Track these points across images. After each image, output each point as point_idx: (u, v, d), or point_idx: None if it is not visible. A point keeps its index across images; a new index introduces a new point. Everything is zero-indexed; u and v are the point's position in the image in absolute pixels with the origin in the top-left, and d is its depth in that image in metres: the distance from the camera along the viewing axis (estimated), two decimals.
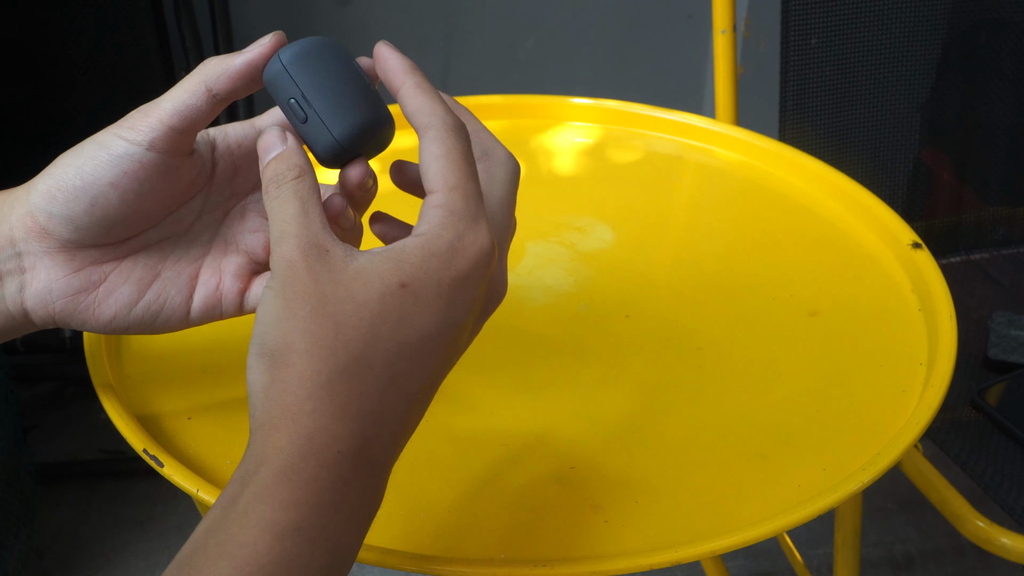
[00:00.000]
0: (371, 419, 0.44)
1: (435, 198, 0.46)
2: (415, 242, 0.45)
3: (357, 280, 0.44)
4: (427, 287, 0.45)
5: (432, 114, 0.47)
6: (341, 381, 0.43)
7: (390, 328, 0.44)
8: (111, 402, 0.58)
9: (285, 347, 0.43)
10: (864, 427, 0.60)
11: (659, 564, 0.51)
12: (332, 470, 0.43)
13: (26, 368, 1.56)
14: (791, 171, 0.83)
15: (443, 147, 0.47)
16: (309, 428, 0.43)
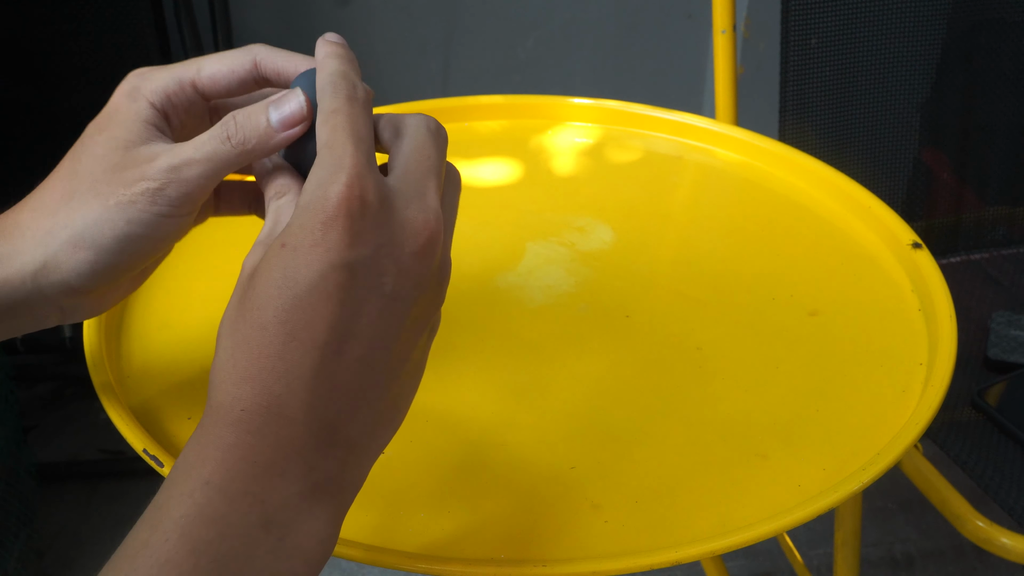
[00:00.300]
0: (274, 376, 0.44)
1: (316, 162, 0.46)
2: (288, 202, 0.48)
3: (254, 252, 0.47)
4: (302, 238, 0.44)
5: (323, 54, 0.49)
6: (241, 349, 0.44)
7: (276, 286, 0.44)
8: (111, 402, 0.58)
9: (218, 350, 0.45)
10: (864, 427, 0.60)
11: (659, 564, 0.51)
12: (236, 426, 0.43)
13: (26, 368, 1.56)
14: (791, 171, 0.83)
15: (336, 115, 0.47)
16: (216, 398, 0.44)
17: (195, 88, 0.51)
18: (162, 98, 0.51)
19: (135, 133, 0.50)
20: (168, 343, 0.65)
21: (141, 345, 0.65)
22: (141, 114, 0.50)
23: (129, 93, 0.51)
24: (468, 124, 0.88)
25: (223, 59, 0.51)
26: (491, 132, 0.89)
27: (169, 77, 0.51)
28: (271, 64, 0.51)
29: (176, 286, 0.70)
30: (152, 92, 0.51)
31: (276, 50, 0.52)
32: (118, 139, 0.50)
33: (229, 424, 0.43)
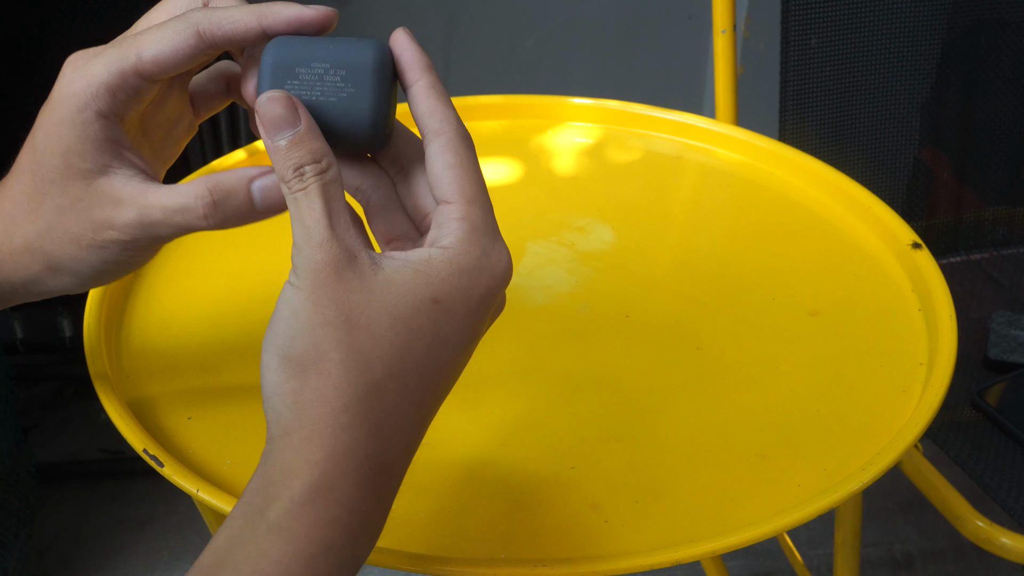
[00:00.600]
0: (401, 436, 0.44)
1: (454, 210, 0.45)
2: (442, 255, 0.44)
3: (387, 292, 0.43)
4: (458, 304, 0.44)
5: (444, 120, 0.47)
6: (376, 397, 0.43)
7: (425, 345, 0.44)
8: (111, 402, 0.58)
9: (318, 355, 0.42)
10: (864, 427, 0.60)
11: (659, 564, 0.51)
12: (364, 488, 0.42)
13: (26, 368, 1.56)
14: (791, 171, 0.83)
15: (456, 156, 0.46)
16: (345, 444, 0.42)
17: (139, 75, 0.47)
18: (108, 102, 0.48)
19: (90, 157, 0.48)
20: (168, 342, 0.65)
21: (141, 344, 0.65)
22: (89, 131, 0.48)
23: (73, 99, 0.47)
24: (468, 124, 0.88)
25: (163, 38, 0.47)
26: (491, 132, 0.89)
27: (109, 71, 0.47)
28: (217, 31, 0.47)
29: (176, 285, 0.70)
30: (95, 96, 0.47)
31: (216, 11, 0.47)
32: (73, 165, 0.48)
33: (357, 483, 0.42)
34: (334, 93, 0.46)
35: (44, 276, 0.50)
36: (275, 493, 0.41)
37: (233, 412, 0.60)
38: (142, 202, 0.48)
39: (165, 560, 1.38)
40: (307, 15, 0.47)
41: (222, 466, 0.57)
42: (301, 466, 0.42)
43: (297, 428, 0.42)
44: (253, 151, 0.81)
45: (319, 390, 0.42)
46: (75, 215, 0.48)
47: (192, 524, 1.42)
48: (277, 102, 0.45)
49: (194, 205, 0.48)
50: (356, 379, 0.42)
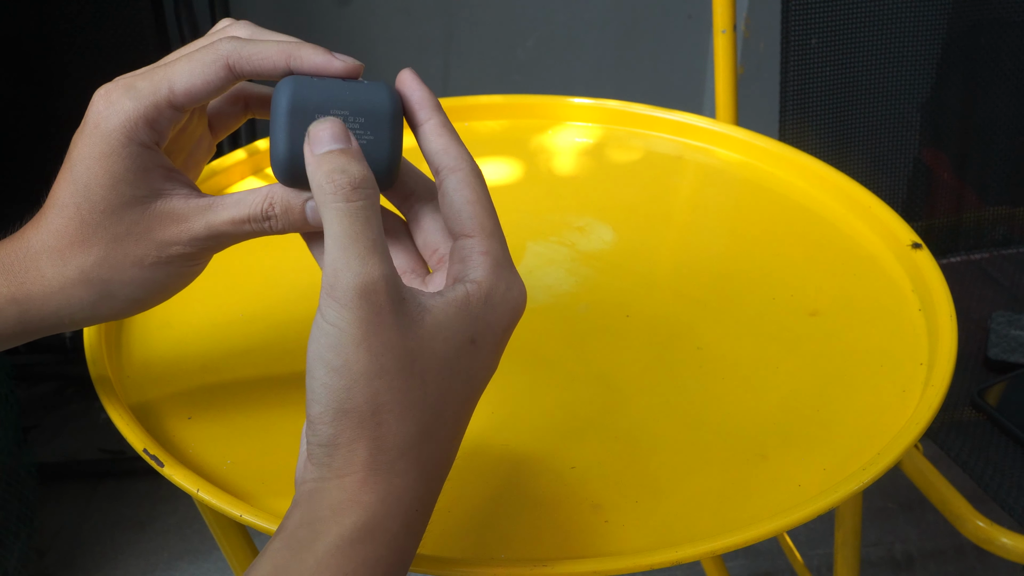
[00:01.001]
0: (440, 472, 0.45)
1: (476, 244, 0.46)
2: (478, 291, 0.45)
3: (438, 337, 0.44)
4: (488, 341, 0.46)
5: (459, 157, 0.48)
6: (425, 440, 0.44)
7: (461, 383, 0.45)
8: (111, 402, 0.58)
9: (376, 406, 0.43)
10: (864, 427, 0.60)
11: (659, 564, 0.51)
12: (409, 528, 0.43)
13: (26, 368, 1.56)
14: (791, 171, 0.83)
15: (474, 192, 0.47)
16: (399, 488, 0.43)
17: (171, 107, 0.49)
18: (148, 133, 0.49)
19: (143, 185, 0.49)
20: (169, 342, 0.65)
21: (141, 344, 0.65)
22: (138, 161, 0.49)
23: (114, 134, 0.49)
24: (468, 124, 0.88)
25: (193, 69, 0.49)
26: (491, 132, 0.89)
27: (144, 104, 0.49)
28: (246, 65, 0.49)
29: None
30: (136, 129, 0.49)
31: (246, 45, 0.49)
32: (125, 195, 0.49)
33: (405, 523, 0.43)
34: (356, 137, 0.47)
35: (97, 305, 0.51)
36: (324, 529, 0.42)
37: (233, 412, 0.60)
38: (209, 216, 0.50)
39: (165, 560, 1.38)
40: (335, 66, 0.49)
41: (222, 466, 0.57)
42: (352, 507, 0.42)
43: (352, 472, 0.43)
44: (253, 151, 0.82)
45: (377, 440, 0.43)
46: (134, 239, 0.50)
47: (192, 524, 1.42)
48: (330, 123, 0.46)
49: (260, 215, 0.50)
50: (410, 426, 0.43)
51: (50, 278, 0.50)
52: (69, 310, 0.51)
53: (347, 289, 0.42)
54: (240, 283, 0.71)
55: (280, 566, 0.41)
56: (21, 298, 0.50)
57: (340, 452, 0.43)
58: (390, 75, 0.51)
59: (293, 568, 0.41)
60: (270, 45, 0.49)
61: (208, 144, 0.57)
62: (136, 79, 0.49)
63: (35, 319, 0.51)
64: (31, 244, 0.50)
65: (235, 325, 0.67)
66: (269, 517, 0.52)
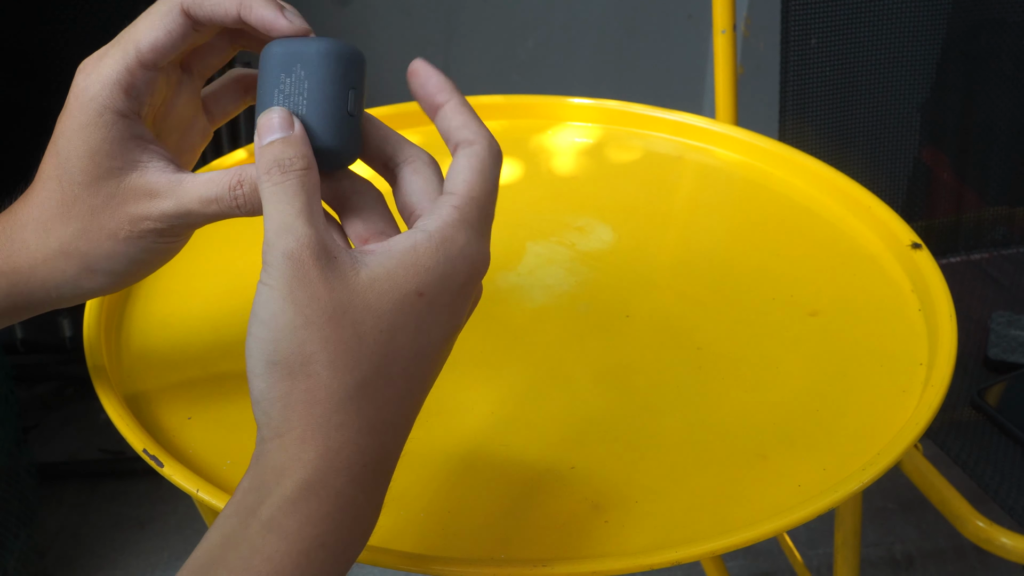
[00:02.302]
0: (391, 431, 0.44)
1: (453, 199, 0.46)
2: (428, 241, 0.45)
3: (372, 289, 0.44)
4: (441, 294, 0.45)
5: (479, 132, 0.48)
6: (365, 394, 0.43)
7: (408, 338, 0.44)
8: (111, 402, 0.58)
9: (304, 357, 0.42)
10: (864, 427, 0.60)
11: (659, 564, 0.51)
12: (356, 483, 0.43)
13: (26, 368, 1.56)
14: (791, 171, 0.83)
15: (480, 162, 0.47)
16: (338, 442, 0.42)
17: (142, 67, 0.49)
18: (124, 100, 0.49)
19: (119, 156, 0.49)
20: (168, 342, 0.65)
21: (141, 344, 0.65)
22: (113, 131, 0.49)
23: (91, 104, 0.49)
24: None
25: (152, 23, 0.49)
26: (491, 132, 0.88)
27: (116, 70, 0.49)
28: (199, 11, 0.49)
29: (176, 285, 0.70)
30: (111, 97, 0.49)
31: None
32: (102, 165, 0.49)
33: (351, 479, 0.43)
34: (302, 101, 0.48)
35: (79, 278, 0.51)
36: (268, 491, 0.42)
37: (233, 412, 0.60)
38: (179, 192, 0.50)
39: (165, 560, 1.38)
40: (280, 24, 0.49)
41: (222, 466, 0.57)
42: (294, 465, 0.42)
43: (288, 430, 0.42)
44: (254, 151, 0.81)
45: (309, 391, 0.42)
46: (109, 211, 0.50)
47: (192, 524, 1.42)
48: (275, 112, 0.47)
49: (227, 196, 0.49)
50: (345, 377, 0.43)
51: (34, 249, 0.51)
52: (54, 282, 0.51)
53: (273, 252, 0.43)
54: (240, 283, 0.71)
55: (227, 535, 0.41)
56: (8, 271, 0.51)
57: (275, 408, 0.43)
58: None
59: (240, 534, 0.41)
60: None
61: (203, 128, 0.56)
62: (107, 48, 0.50)
63: (24, 292, 0.51)
64: (18, 217, 0.51)
65: (235, 325, 0.67)
66: None
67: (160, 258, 0.52)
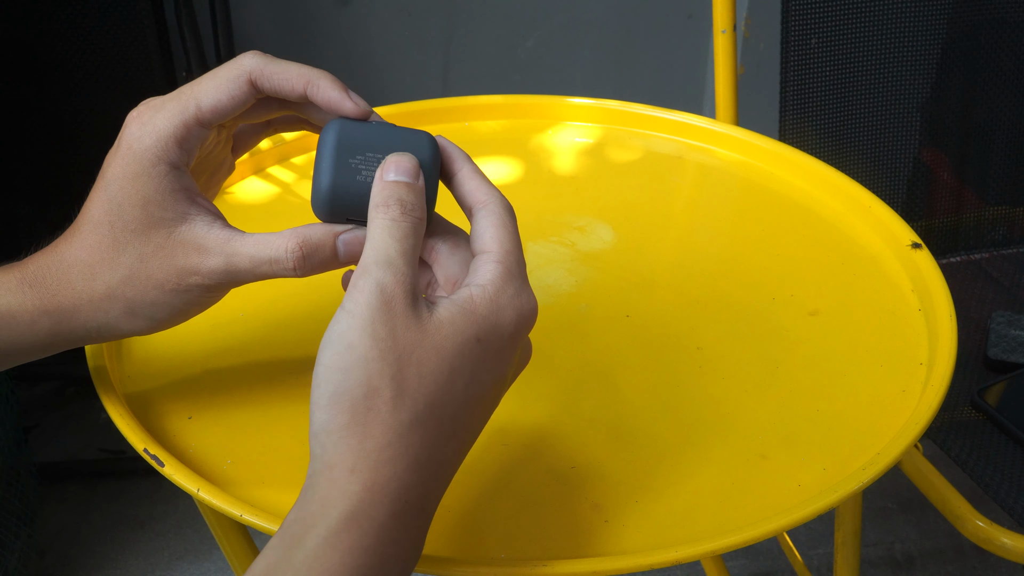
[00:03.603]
0: (434, 470, 0.46)
1: (492, 256, 0.48)
2: (482, 292, 0.47)
3: (439, 332, 0.45)
4: (494, 341, 0.47)
5: (491, 193, 0.50)
6: (415, 431, 0.44)
7: (464, 381, 0.46)
8: (112, 401, 0.58)
9: (370, 390, 0.44)
10: (864, 427, 0.60)
11: (659, 564, 0.51)
12: (399, 519, 0.44)
13: (26, 368, 1.56)
14: (791, 171, 0.83)
15: (500, 219, 0.49)
16: (385, 475, 0.43)
17: (199, 125, 0.51)
18: (177, 153, 0.51)
19: (169, 207, 0.51)
20: (169, 342, 0.65)
21: (142, 344, 0.65)
22: (165, 182, 0.51)
23: (145, 154, 0.51)
24: (468, 124, 0.88)
25: (218, 86, 0.51)
26: (491, 132, 0.89)
27: (173, 124, 0.51)
28: (267, 83, 0.51)
29: None
30: (165, 149, 0.51)
31: (269, 63, 0.51)
32: (154, 215, 0.51)
33: (393, 514, 0.43)
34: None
35: (120, 320, 0.52)
36: (313, 523, 0.42)
37: (233, 412, 0.60)
38: (229, 250, 0.51)
39: (165, 560, 1.38)
40: (346, 105, 0.51)
41: (222, 466, 0.57)
42: (340, 497, 0.43)
43: (339, 461, 0.43)
44: (255, 151, 0.82)
45: (367, 426, 0.43)
46: (158, 262, 0.51)
47: (192, 524, 1.42)
48: (408, 159, 0.49)
49: (284, 258, 0.51)
50: (401, 414, 0.44)
51: (80, 291, 0.51)
52: (95, 323, 0.52)
53: (368, 279, 0.45)
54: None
55: (272, 564, 0.42)
56: (52, 310, 0.51)
57: (331, 440, 0.43)
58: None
59: (284, 565, 0.42)
60: (291, 67, 0.51)
61: (230, 165, 0.59)
62: (165, 101, 0.52)
63: (65, 331, 0.52)
64: (64, 258, 0.52)
65: (235, 325, 0.67)
66: (269, 517, 0.52)
67: (199, 309, 0.54)
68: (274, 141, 0.82)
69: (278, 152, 0.83)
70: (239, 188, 0.80)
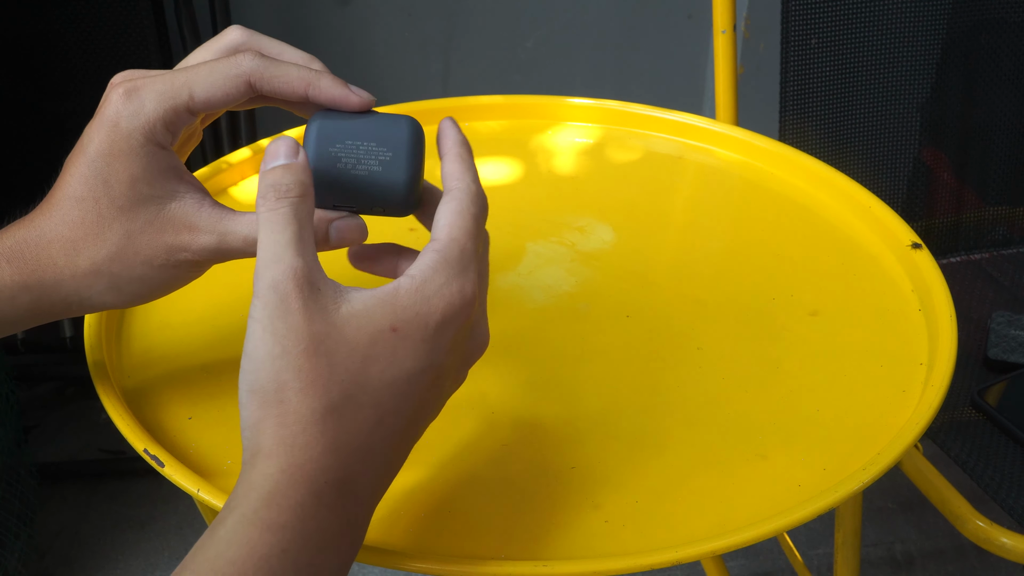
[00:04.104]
0: (358, 455, 0.46)
1: (435, 244, 0.48)
2: (409, 284, 0.47)
3: (350, 323, 0.46)
4: (415, 330, 0.47)
5: (463, 178, 0.50)
6: (332, 418, 0.45)
7: (380, 369, 0.46)
8: (112, 402, 0.58)
9: (279, 385, 0.45)
10: (864, 427, 0.60)
11: (659, 564, 0.51)
12: (318, 498, 0.44)
13: (26, 368, 1.56)
14: (791, 171, 0.83)
15: (459, 204, 0.49)
16: (300, 459, 0.44)
17: (189, 112, 0.51)
18: (164, 135, 0.51)
19: (158, 184, 0.51)
20: (169, 342, 0.65)
21: (141, 344, 0.65)
22: (154, 161, 0.51)
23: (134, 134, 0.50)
24: (468, 124, 0.88)
25: (215, 81, 0.51)
26: (491, 132, 0.89)
27: (163, 107, 0.51)
28: (267, 86, 0.51)
29: None
30: (153, 131, 0.51)
31: (269, 66, 0.51)
32: (143, 193, 0.51)
33: (312, 493, 0.44)
34: (376, 163, 0.51)
35: (104, 294, 0.53)
36: (236, 505, 0.44)
37: (233, 412, 0.60)
38: (221, 229, 0.52)
39: (165, 560, 1.38)
40: (351, 100, 0.52)
41: (222, 466, 0.57)
42: (260, 480, 0.44)
43: (260, 450, 0.45)
44: (257, 149, 0.82)
45: (280, 416, 0.44)
46: (146, 238, 0.52)
47: (192, 524, 1.42)
48: (283, 140, 0.49)
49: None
50: (313, 403, 0.45)
51: (62, 267, 0.52)
52: (77, 297, 0.53)
53: (261, 282, 0.46)
54: (240, 283, 0.71)
55: (201, 544, 0.43)
56: (33, 285, 0.51)
57: (253, 433, 0.45)
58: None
59: (209, 541, 0.43)
60: (292, 70, 0.51)
61: (198, 135, 0.58)
62: (156, 80, 0.51)
63: (46, 305, 0.52)
64: (43, 232, 0.51)
65: (235, 325, 0.67)
66: None
67: (183, 283, 0.54)
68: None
69: None
70: (239, 188, 0.80)
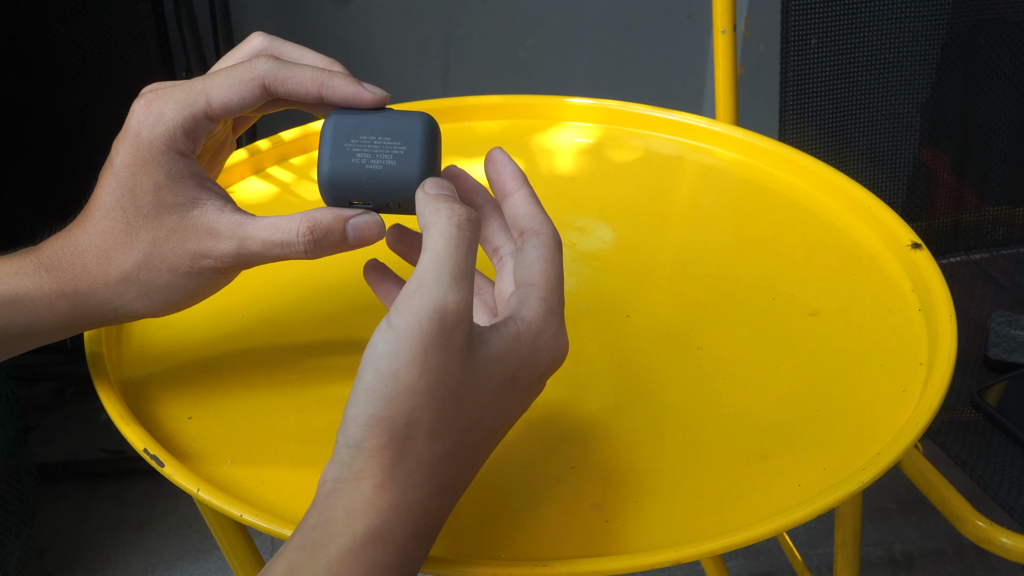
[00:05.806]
0: (452, 495, 0.47)
1: (537, 291, 0.49)
2: (528, 331, 0.48)
3: (485, 369, 0.46)
4: (526, 380, 0.48)
5: (544, 223, 0.51)
6: (444, 461, 0.45)
7: (492, 416, 0.47)
8: (112, 402, 0.58)
9: (411, 421, 0.44)
10: (864, 427, 0.60)
11: (659, 564, 0.51)
12: (417, 539, 0.45)
13: (26, 368, 1.56)
14: (791, 171, 0.83)
15: (550, 252, 0.50)
16: (411, 498, 0.44)
17: (208, 119, 0.52)
18: (185, 143, 0.52)
19: (180, 192, 0.52)
20: (168, 342, 0.65)
21: (141, 344, 0.65)
22: (175, 169, 0.52)
23: (155, 143, 0.51)
24: (468, 124, 0.88)
25: (231, 85, 0.52)
26: (491, 132, 0.89)
27: (183, 115, 0.52)
28: (281, 88, 0.52)
29: None
30: (174, 139, 0.52)
31: (283, 68, 0.52)
32: (166, 201, 0.52)
33: (413, 534, 0.45)
34: (391, 157, 0.52)
35: (135, 302, 0.54)
36: (337, 531, 0.43)
37: (233, 412, 0.60)
38: (241, 234, 0.52)
39: (165, 560, 1.38)
40: (364, 97, 0.52)
41: (222, 466, 0.57)
42: (366, 510, 0.43)
43: (369, 476, 0.44)
44: (255, 151, 0.82)
45: (403, 452, 0.44)
46: (171, 246, 0.52)
47: (192, 524, 1.42)
48: (440, 181, 0.51)
49: (296, 242, 0.52)
50: (436, 447, 0.45)
51: (95, 275, 0.53)
52: (112, 306, 0.54)
53: (424, 303, 0.44)
54: (241, 283, 0.71)
55: (295, 566, 0.43)
56: (70, 293, 0.53)
57: (363, 455, 0.44)
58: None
59: (306, 569, 0.42)
60: (305, 71, 0.52)
61: (231, 144, 0.59)
62: (175, 89, 0.52)
63: (82, 313, 0.53)
64: (78, 243, 0.53)
65: (235, 325, 0.67)
66: (269, 517, 0.52)
67: (212, 290, 0.55)
68: (273, 142, 0.82)
69: (277, 152, 0.83)
70: (239, 188, 0.80)
